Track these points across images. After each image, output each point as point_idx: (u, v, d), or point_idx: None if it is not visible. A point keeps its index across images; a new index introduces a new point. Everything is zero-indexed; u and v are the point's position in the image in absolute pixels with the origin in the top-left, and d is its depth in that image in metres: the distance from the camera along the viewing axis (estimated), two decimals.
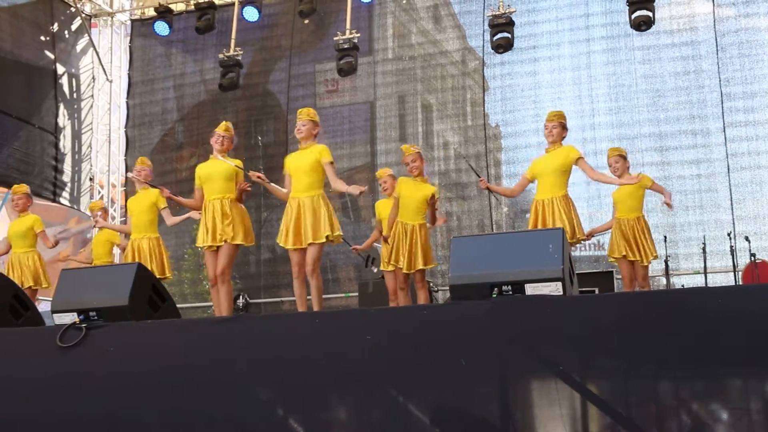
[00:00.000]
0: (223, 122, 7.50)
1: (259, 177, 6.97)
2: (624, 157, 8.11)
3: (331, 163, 6.81)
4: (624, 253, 7.87)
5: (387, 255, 7.72)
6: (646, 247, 7.91)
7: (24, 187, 9.44)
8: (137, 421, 4.91)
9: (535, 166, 7.36)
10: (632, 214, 7.99)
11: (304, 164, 6.84)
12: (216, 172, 7.15)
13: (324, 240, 6.62)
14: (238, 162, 7.29)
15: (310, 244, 6.62)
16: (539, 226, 6.99)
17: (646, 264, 7.94)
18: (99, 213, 9.87)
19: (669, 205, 8.06)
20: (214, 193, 7.06)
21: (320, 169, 6.81)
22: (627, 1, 10.89)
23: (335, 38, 12.11)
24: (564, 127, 7.32)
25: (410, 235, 7.55)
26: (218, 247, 6.91)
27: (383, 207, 8.38)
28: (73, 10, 13.85)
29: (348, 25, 12.15)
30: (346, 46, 11.91)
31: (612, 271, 9.87)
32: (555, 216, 7.02)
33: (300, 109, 7.21)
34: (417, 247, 7.53)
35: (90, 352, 5.34)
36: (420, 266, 7.52)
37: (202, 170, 7.27)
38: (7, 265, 9.05)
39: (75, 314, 5.63)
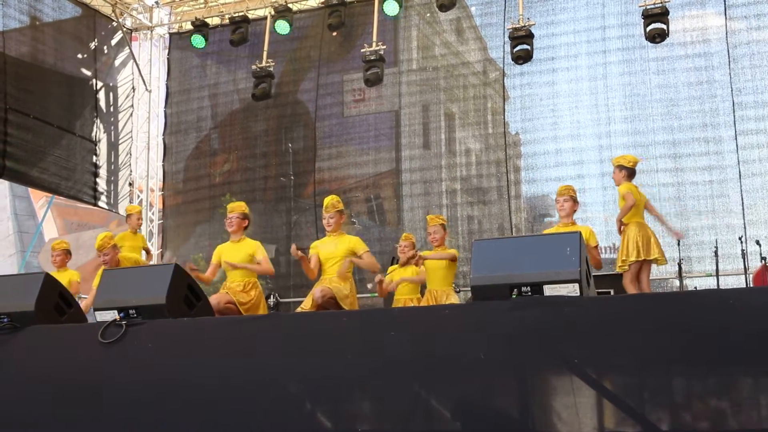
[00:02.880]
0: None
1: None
2: (620, 167, 7.94)
3: (368, 251, 7.14)
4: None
5: None
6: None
7: (64, 244, 9.29)
8: (173, 412, 4.95)
9: None
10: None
11: (338, 254, 7.08)
12: None
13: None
14: None
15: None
16: None
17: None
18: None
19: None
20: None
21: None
22: (642, 15, 10.84)
23: (362, 50, 12.17)
24: (575, 201, 7.39)
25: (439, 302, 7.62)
26: None
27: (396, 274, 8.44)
28: (114, 24, 13.99)
29: (374, 38, 12.20)
30: (372, 58, 11.98)
31: None
32: None
33: (325, 200, 7.33)
34: None
35: (129, 348, 5.39)
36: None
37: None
38: None
39: (115, 312, 5.68)
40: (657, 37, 10.76)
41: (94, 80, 13.59)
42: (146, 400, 5.01)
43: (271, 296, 12.21)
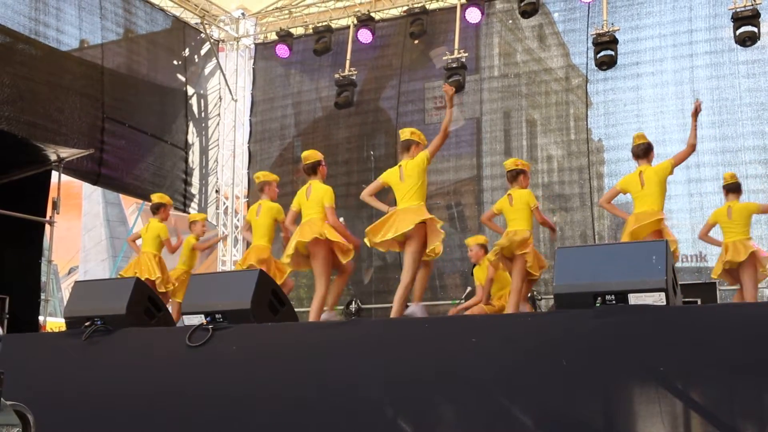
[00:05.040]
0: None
1: None
2: None
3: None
4: None
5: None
6: None
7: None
8: (256, 414, 5.02)
9: None
10: None
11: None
12: None
13: None
14: None
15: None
16: None
17: None
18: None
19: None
20: None
21: None
22: (732, 18, 10.52)
23: (444, 57, 12.16)
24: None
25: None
26: None
27: (480, 273, 8.54)
28: (203, 36, 14.33)
29: (456, 45, 12.18)
30: (454, 65, 11.96)
31: (715, 283, 9.53)
32: None
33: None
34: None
35: (215, 351, 5.50)
36: None
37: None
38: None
39: (202, 316, 5.80)
40: (747, 41, 10.41)
41: (186, 87, 13.96)
42: (230, 402, 5.09)
43: (353, 302, 12.28)
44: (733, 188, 8.32)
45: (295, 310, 6.73)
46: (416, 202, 6.56)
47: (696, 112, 7.44)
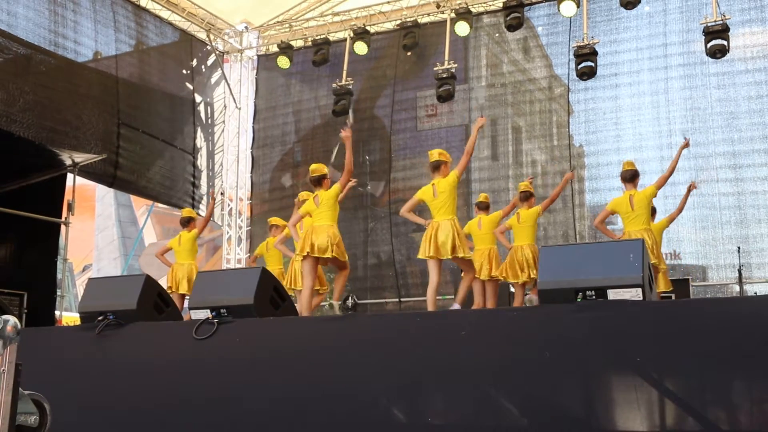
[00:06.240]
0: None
1: None
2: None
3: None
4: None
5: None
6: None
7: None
8: (257, 401, 5.02)
9: None
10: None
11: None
12: None
13: None
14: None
15: None
16: None
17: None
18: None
19: None
20: None
21: None
22: (703, 32, 10.57)
23: (435, 68, 12.20)
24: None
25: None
26: None
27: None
28: (209, 47, 14.32)
29: (446, 57, 12.22)
30: (444, 75, 12.00)
31: (688, 279, 9.59)
32: None
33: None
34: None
35: (220, 344, 5.50)
36: None
37: None
38: None
39: (208, 311, 5.80)
40: (718, 53, 10.47)
41: (194, 95, 13.98)
42: (234, 390, 5.09)
43: (350, 298, 12.25)
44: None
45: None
46: (449, 216, 6.91)
47: (683, 148, 7.97)
